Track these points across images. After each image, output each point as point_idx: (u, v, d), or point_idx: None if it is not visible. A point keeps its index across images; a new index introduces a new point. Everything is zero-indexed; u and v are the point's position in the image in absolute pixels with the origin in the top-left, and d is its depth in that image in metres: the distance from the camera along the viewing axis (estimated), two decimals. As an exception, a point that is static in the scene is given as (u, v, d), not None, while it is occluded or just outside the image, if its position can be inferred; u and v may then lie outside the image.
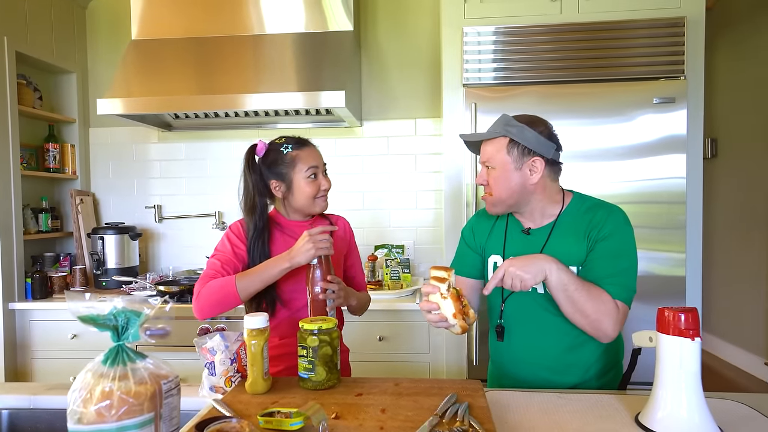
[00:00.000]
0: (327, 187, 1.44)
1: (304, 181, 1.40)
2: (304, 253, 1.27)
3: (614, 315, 1.20)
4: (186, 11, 2.69)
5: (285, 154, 1.41)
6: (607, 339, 1.23)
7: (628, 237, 1.27)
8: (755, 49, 3.47)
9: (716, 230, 3.83)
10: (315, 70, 2.48)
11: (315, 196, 1.42)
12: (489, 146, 1.31)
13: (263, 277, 1.30)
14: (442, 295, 1.14)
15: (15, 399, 1.27)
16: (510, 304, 1.35)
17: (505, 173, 1.27)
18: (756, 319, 3.45)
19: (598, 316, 1.19)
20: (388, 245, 2.77)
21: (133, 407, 0.73)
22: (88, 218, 2.92)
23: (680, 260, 2.14)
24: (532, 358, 1.32)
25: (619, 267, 1.24)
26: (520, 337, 1.34)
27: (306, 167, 1.40)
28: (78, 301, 0.79)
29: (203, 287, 1.30)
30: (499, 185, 1.28)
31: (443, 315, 1.14)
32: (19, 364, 2.49)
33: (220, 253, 1.39)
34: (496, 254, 1.39)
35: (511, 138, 1.26)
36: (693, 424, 0.94)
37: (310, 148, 1.45)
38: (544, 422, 1.02)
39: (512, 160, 1.27)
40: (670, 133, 2.12)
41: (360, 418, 0.98)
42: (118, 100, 2.43)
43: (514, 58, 2.22)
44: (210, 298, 1.29)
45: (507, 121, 1.29)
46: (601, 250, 1.25)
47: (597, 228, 1.26)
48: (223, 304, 1.29)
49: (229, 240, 1.41)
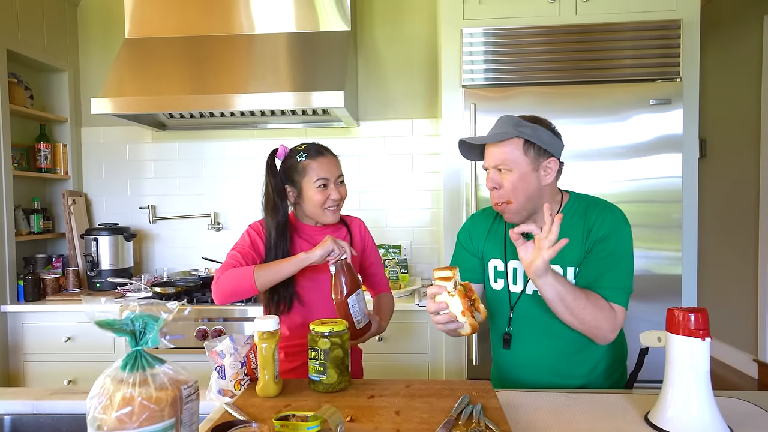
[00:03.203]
0: (337, 197, 1.44)
1: (313, 191, 1.41)
2: (322, 248, 1.30)
3: (611, 319, 1.20)
4: (179, 10, 2.66)
5: (299, 162, 1.43)
6: (605, 342, 1.23)
7: (626, 237, 1.26)
8: (743, 51, 3.53)
9: (706, 229, 3.89)
10: (312, 69, 2.47)
11: (323, 206, 1.42)
12: (501, 148, 1.23)
13: (281, 269, 1.33)
14: (450, 293, 1.12)
15: (18, 404, 1.24)
16: (518, 311, 1.33)
17: (524, 176, 1.22)
18: (745, 316, 3.52)
19: (597, 322, 1.19)
20: (385, 245, 2.77)
21: (154, 413, 0.72)
22: (81, 219, 2.88)
23: (676, 258, 2.17)
24: (539, 362, 1.32)
25: (616, 269, 1.23)
26: (528, 343, 1.33)
27: (316, 178, 1.41)
28: (93, 304, 0.78)
29: (223, 274, 1.34)
30: (517, 190, 1.22)
31: (452, 314, 1.12)
32: (12, 368, 2.44)
33: (239, 246, 1.43)
34: (497, 258, 1.37)
35: (525, 139, 1.22)
36: (703, 422, 0.95)
37: (324, 158, 1.44)
38: (556, 422, 1.03)
39: (530, 161, 1.22)
40: (666, 133, 2.14)
41: (375, 420, 0.98)
42: (112, 99, 2.40)
43: (513, 59, 2.23)
44: (228, 285, 1.33)
45: (516, 122, 1.23)
46: (598, 251, 1.24)
47: (595, 228, 1.25)
48: (240, 292, 1.33)
49: (249, 236, 1.45)
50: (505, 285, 1.35)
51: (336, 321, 1.18)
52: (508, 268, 1.34)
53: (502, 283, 1.36)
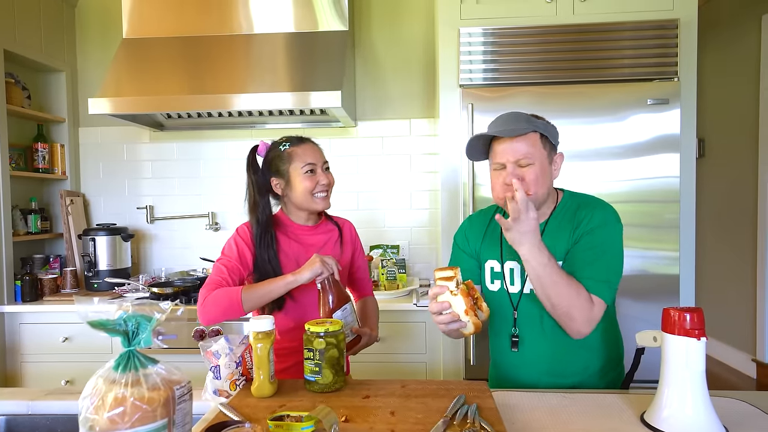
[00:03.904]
0: (326, 182, 1.44)
1: (301, 177, 1.41)
2: (309, 271, 1.28)
3: (587, 310, 1.18)
4: (177, 10, 2.66)
5: (283, 151, 1.43)
6: (579, 336, 1.21)
7: (614, 233, 1.26)
8: (741, 51, 3.53)
9: (704, 229, 3.89)
10: (309, 69, 2.47)
11: (312, 191, 1.41)
12: (521, 142, 1.23)
13: (269, 292, 1.31)
14: (452, 292, 1.12)
15: (13, 405, 1.24)
16: (522, 310, 1.32)
17: (544, 168, 1.25)
18: (743, 316, 3.52)
19: (569, 310, 1.17)
20: (383, 245, 2.77)
21: (146, 414, 0.72)
22: (79, 219, 2.88)
23: (674, 258, 2.17)
24: (540, 361, 1.31)
25: (600, 261, 1.22)
26: (530, 343, 1.32)
27: (303, 164, 1.41)
28: (86, 305, 0.78)
29: (209, 294, 1.31)
30: (539, 183, 1.23)
31: (455, 313, 1.12)
32: (9, 369, 2.44)
33: (226, 258, 1.39)
34: (493, 259, 1.37)
35: (541, 133, 1.25)
36: (699, 422, 0.95)
37: (307, 144, 1.45)
38: (552, 422, 1.03)
39: (546, 155, 1.26)
40: (664, 133, 2.14)
41: (370, 420, 0.98)
42: (109, 99, 2.39)
43: (510, 59, 2.23)
44: (215, 307, 1.30)
45: (527, 117, 1.26)
46: (584, 243, 1.24)
47: (584, 222, 1.26)
48: (228, 314, 1.30)
49: (235, 244, 1.41)
50: (501, 286, 1.35)
51: (332, 321, 1.17)
52: (505, 268, 1.34)
53: (499, 284, 1.36)
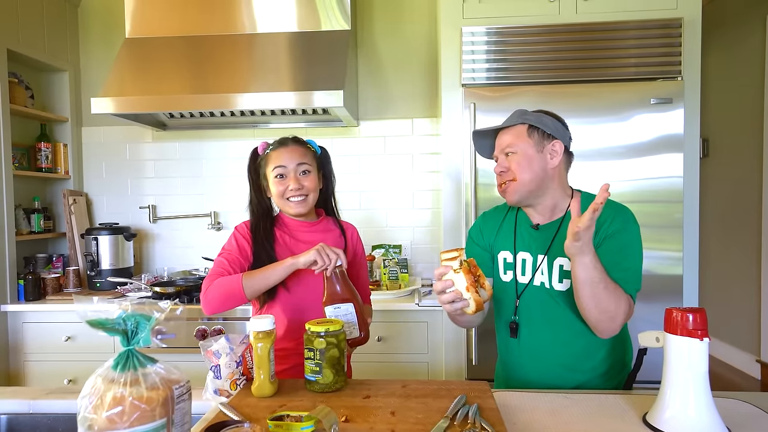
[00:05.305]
0: (295, 187, 1.39)
1: (273, 181, 1.42)
2: (305, 256, 1.28)
3: (627, 311, 1.21)
4: (180, 10, 2.67)
5: (266, 154, 1.46)
6: (609, 335, 1.22)
7: (636, 235, 1.27)
8: (745, 51, 3.51)
9: (709, 229, 3.87)
10: (311, 69, 2.47)
11: (283, 195, 1.41)
12: (508, 134, 1.33)
13: (269, 276, 1.31)
14: (455, 270, 1.13)
15: (14, 404, 1.24)
16: (524, 300, 1.34)
17: (527, 156, 1.29)
18: (747, 316, 3.50)
19: (616, 313, 1.18)
20: (385, 245, 2.76)
21: (145, 413, 0.72)
22: (81, 219, 2.88)
23: (677, 258, 2.15)
24: (544, 354, 1.32)
25: (627, 264, 1.24)
26: (533, 334, 1.33)
27: (272, 167, 1.42)
28: (85, 304, 0.78)
29: (211, 284, 1.33)
30: (522, 168, 1.29)
31: (458, 291, 1.13)
32: (12, 368, 2.45)
33: (226, 252, 1.41)
34: (506, 250, 1.39)
35: (530, 124, 1.30)
36: (701, 424, 0.94)
37: (285, 147, 1.43)
38: (553, 422, 1.02)
39: (534, 143, 1.30)
40: (667, 133, 2.13)
41: (370, 420, 0.98)
42: (112, 99, 2.40)
43: (513, 59, 2.22)
44: (217, 296, 1.31)
45: (522, 112, 1.33)
46: (609, 246, 1.25)
47: (606, 225, 1.26)
48: (230, 302, 1.31)
49: (235, 239, 1.43)
50: (513, 276, 1.37)
51: (332, 321, 1.17)
52: (517, 259, 1.37)
53: (511, 275, 1.38)
